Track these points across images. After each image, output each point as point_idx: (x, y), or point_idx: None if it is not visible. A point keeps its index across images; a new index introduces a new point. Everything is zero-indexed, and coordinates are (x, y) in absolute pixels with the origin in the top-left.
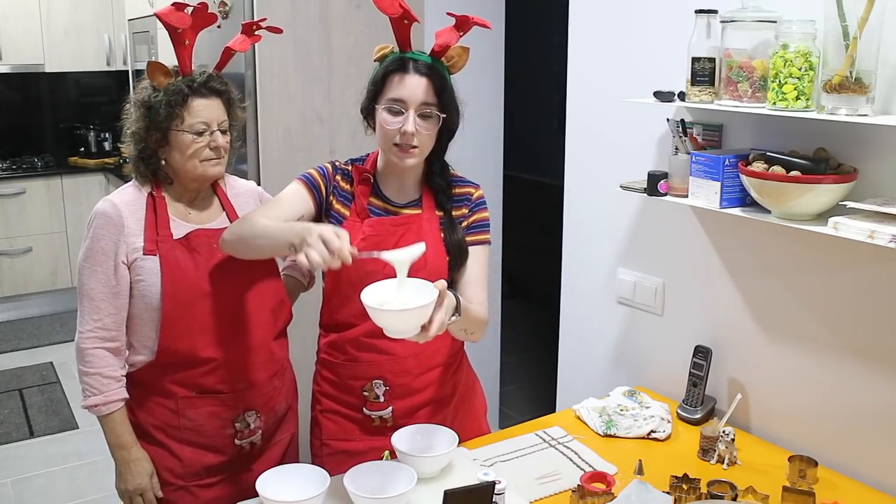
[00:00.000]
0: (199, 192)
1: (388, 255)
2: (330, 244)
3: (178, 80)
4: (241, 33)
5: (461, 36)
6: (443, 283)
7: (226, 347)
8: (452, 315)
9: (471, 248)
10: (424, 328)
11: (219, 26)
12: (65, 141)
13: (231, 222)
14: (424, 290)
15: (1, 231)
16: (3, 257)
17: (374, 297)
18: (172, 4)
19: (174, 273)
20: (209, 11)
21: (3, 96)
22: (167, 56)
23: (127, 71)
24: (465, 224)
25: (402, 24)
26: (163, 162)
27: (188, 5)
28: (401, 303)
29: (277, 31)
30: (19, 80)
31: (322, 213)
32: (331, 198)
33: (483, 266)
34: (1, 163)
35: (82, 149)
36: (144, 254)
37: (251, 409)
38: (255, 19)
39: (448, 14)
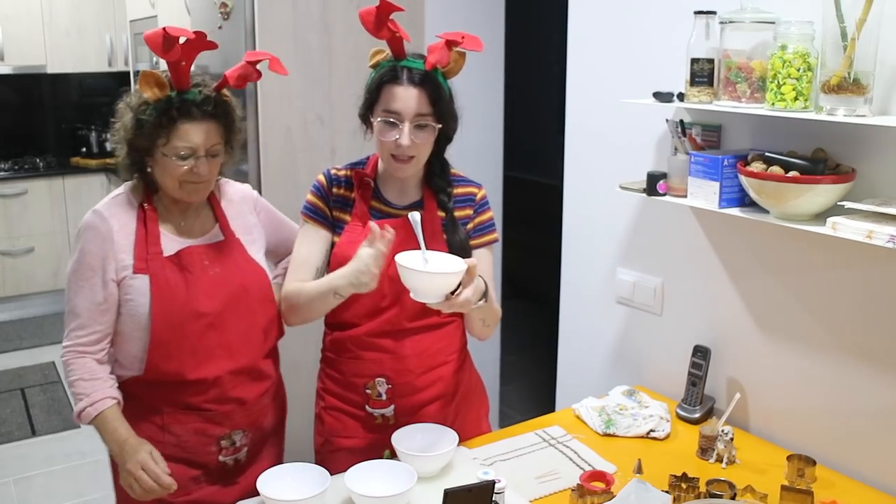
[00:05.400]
0: (190, 205)
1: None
2: None
3: (172, 94)
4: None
5: (451, 53)
6: (473, 261)
7: (216, 368)
8: (481, 299)
9: (480, 250)
10: (448, 298)
11: (220, 27)
12: (67, 141)
13: (224, 235)
14: (453, 261)
15: (3, 231)
16: (5, 257)
17: (407, 260)
18: (163, 30)
19: (164, 293)
20: (207, 40)
21: (5, 97)
22: None
23: (128, 72)
24: (470, 226)
25: (395, 37)
26: (149, 169)
27: (181, 35)
28: (432, 267)
29: (283, 72)
30: (21, 81)
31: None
32: (333, 211)
33: (491, 266)
34: (3, 163)
35: (84, 149)
36: (134, 272)
37: (238, 428)
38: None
39: (437, 36)
